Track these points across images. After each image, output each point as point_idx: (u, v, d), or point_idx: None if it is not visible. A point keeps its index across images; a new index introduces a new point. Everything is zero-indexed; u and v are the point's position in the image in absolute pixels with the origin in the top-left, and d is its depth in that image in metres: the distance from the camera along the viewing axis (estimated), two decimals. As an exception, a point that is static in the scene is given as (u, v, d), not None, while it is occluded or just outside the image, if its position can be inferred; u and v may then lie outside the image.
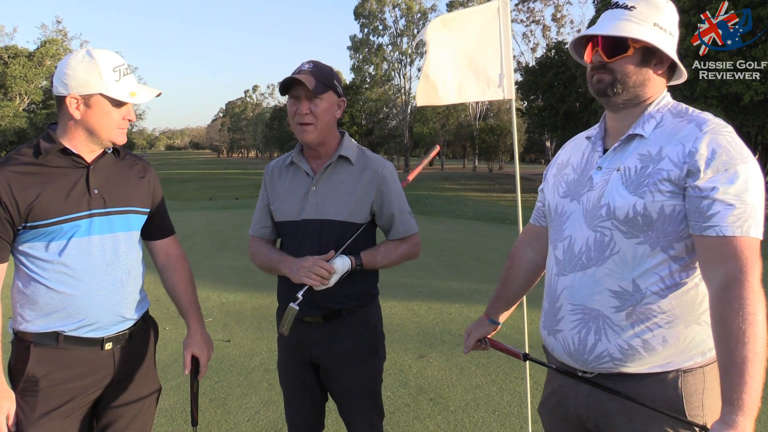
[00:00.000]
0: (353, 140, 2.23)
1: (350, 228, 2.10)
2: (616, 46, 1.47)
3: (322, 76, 2.03)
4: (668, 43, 1.49)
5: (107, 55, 1.83)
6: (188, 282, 2.19)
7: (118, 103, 1.84)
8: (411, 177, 2.64)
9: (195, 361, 2.17)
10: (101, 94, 1.80)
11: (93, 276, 1.85)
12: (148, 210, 2.05)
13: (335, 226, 2.09)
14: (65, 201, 1.81)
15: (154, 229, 2.11)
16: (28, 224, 1.76)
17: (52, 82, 1.84)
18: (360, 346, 2.17)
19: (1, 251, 1.78)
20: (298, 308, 2.00)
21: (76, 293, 1.82)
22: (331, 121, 2.10)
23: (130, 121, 1.90)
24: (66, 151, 1.83)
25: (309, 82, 1.98)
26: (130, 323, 1.96)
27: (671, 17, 1.51)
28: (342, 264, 2.04)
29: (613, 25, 1.48)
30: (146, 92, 1.91)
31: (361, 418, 2.20)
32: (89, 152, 1.88)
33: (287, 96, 2.10)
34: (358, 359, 2.17)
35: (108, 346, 1.90)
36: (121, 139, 1.91)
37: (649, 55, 1.48)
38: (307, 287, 2.02)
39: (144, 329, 2.05)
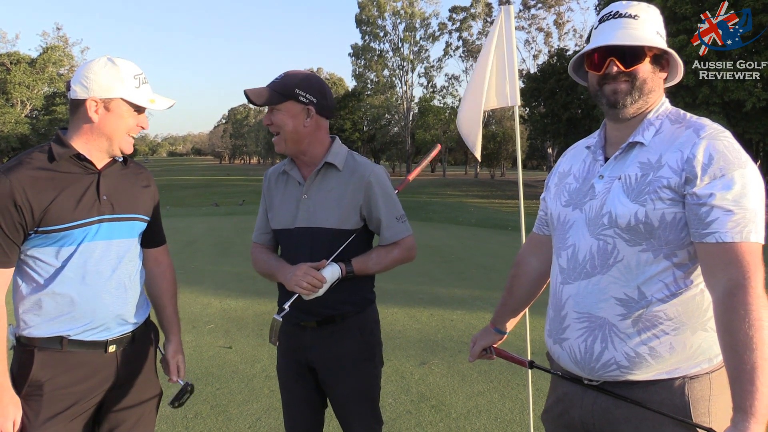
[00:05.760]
0: (343, 146, 2.21)
1: (341, 235, 2.09)
2: (633, 54, 1.48)
3: (280, 86, 2.03)
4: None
5: (128, 63, 1.88)
6: (173, 293, 2.22)
7: (137, 109, 1.88)
8: (411, 176, 2.65)
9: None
10: (122, 99, 1.83)
11: (99, 280, 1.86)
12: (149, 219, 2.06)
13: (326, 234, 2.09)
14: (77, 207, 1.82)
15: (148, 238, 2.11)
16: (40, 229, 1.77)
17: (68, 86, 1.85)
18: (354, 351, 2.16)
19: (11, 255, 1.77)
20: (281, 320, 2.03)
21: (82, 298, 1.83)
22: (297, 131, 2.06)
23: (142, 128, 1.92)
24: (79, 157, 1.85)
25: (256, 95, 2.02)
26: (133, 326, 1.98)
27: (662, 24, 1.54)
28: (331, 273, 2.03)
29: (625, 34, 1.48)
30: (163, 100, 1.96)
31: (358, 425, 2.19)
32: (100, 159, 1.90)
33: None
34: (353, 365, 2.16)
35: (111, 348, 1.91)
36: (129, 148, 1.93)
37: (657, 61, 1.50)
38: (296, 296, 2.03)
39: (145, 333, 2.06)
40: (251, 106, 2.33)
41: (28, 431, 1.79)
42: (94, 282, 1.85)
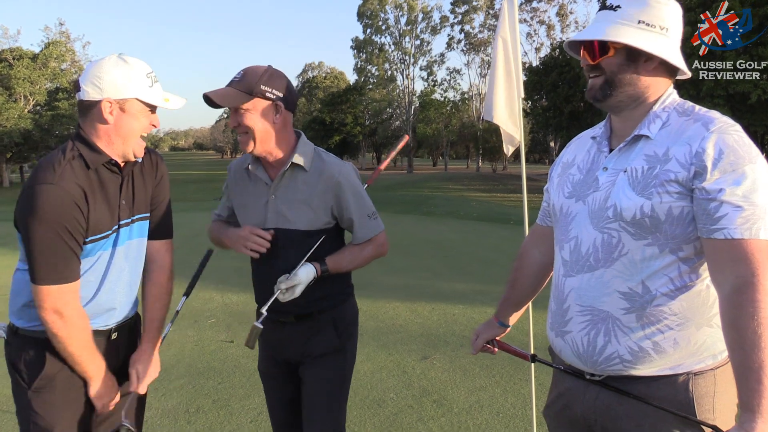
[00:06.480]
0: (309, 143, 2.14)
1: (313, 235, 2.06)
2: (600, 47, 1.48)
3: (243, 84, 1.94)
4: (655, 39, 1.45)
5: (139, 61, 1.83)
6: (158, 297, 2.05)
7: (152, 108, 1.84)
8: (383, 166, 2.60)
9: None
10: (137, 99, 1.79)
11: (112, 281, 1.89)
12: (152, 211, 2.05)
13: (298, 236, 2.06)
14: (107, 217, 1.82)
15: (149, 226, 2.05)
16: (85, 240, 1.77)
17: (77, 87, 1.79)
18: (327, 345, 2.15)
19: (81, 265, 1.77)
20: (262, 327, 1.99)
21: (96, 298, 1.86)
22: (267, 130, 1.99)
23: (154, 126, 1.88)
24: (111, 162, 1.82)
25: (220, 96, 1.92)
26: (131, 315, 2.02)
27: (663, 12, 1.47)
28: (306, 274, 2.00)
29: (595, 28, 1.49)
30: (176, 99, 1.92)
31: (317, 417, 2.13)
32: (121, 161, 1.88)
33: None
34: (325, 358, 2.14)
35: (114, 336, 1.95)
36: (141, 152, 1.88)
37: (635, 53, 1.46)
38: (273, 300, 2.00)
39: (137, 322, 2.10)
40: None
41: (43, 423, 1.81)
42: (109, 284, 1.88)
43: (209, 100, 1.92)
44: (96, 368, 1.84)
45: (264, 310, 1.99)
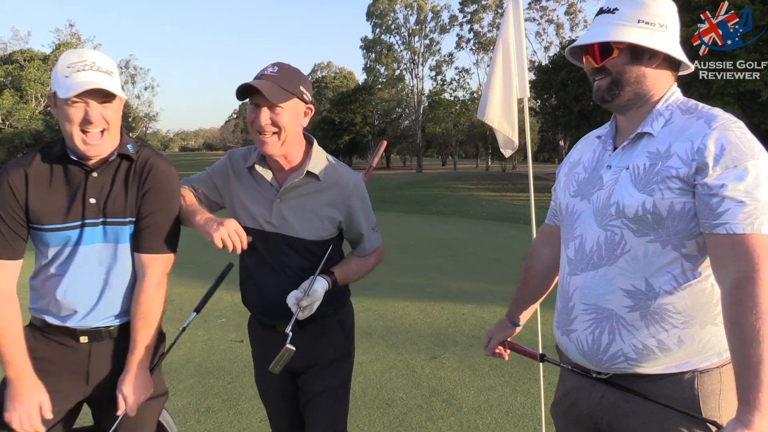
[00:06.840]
0: (322, 151, 2.07)
1: (319, 246, 2.02)
2: (604, 50, 1.49)
3: (284, 81, 1.86)
4: (656, 36, 1.46)
5: (75, 52, 1.76)
6: (134, 314, 1.86)
7: (65, 102, 1.70)
8: (374, 162, 2.58)
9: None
10: (55, 92, 1.74)
11: (70, 281, 1.82)
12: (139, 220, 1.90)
13: (300, 244, 2.01)
14: (61, 209, 1.80)
15: (135, 239, 1.89)
16: (30, 226, 1.81)
17: None
18: (334, 349, 2.13)
19: (15, 247, 1.80)
20: (294, 348, 1.84)
21: (58, 293, 1.82)
22: (296, 130, 1.94)
23: (88, 121, 1.72)
24: (66, 158, 1.80)
25: (269, 90, 1.81)
26: (112, 323, 1.89)
27: (659, 10, 1.49)
28: (322, 288, 1.93)
29: (597, 31, 1.50)
30: (85, 79, 1.70)
31: (321, 419, 2.09)
32: (89, 158, 1.80)
33: (249, 102, 1.91)
34: (332, 362, 2.12)
35: (84, 339, 1.85)
36: (87, 149, 1.75)
37: (639, 52, 1.48)
38: (293, 320, 1.90)
39: (122, 332, 1.90)
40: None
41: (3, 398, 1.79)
42: (68, 282, 1.82)
43: (247, 91, 1.84)
44: (12, 368, 1.73)
45: (289, 330, 1.88)
